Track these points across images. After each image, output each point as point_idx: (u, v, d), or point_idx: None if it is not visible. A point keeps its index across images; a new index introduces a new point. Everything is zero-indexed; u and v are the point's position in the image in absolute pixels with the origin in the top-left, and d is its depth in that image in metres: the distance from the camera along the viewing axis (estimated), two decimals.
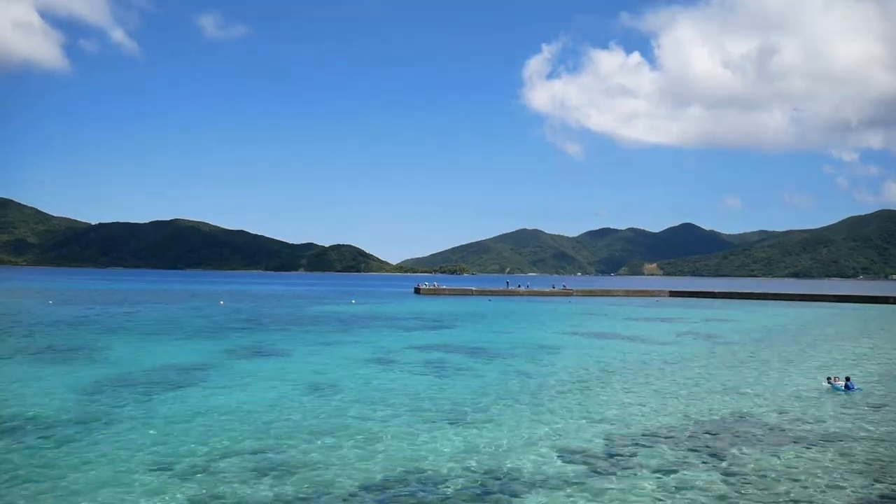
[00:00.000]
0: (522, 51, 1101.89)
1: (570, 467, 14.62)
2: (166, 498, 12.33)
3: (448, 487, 13.20)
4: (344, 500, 12.46)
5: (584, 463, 14.97)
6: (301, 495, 12.58)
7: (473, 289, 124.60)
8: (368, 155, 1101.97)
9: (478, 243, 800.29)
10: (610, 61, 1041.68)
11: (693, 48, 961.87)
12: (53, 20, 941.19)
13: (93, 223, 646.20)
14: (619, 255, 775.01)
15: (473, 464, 14.75)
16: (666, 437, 17.35)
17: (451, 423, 18.61)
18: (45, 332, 41.62)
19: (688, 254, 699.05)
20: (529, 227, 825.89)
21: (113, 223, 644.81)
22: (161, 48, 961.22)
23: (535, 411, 20.47)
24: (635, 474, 14.21)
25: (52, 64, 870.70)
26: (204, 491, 12.70)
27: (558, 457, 15.40)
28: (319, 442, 16.35)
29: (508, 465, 14.67)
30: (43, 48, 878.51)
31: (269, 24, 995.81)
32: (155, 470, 13.92)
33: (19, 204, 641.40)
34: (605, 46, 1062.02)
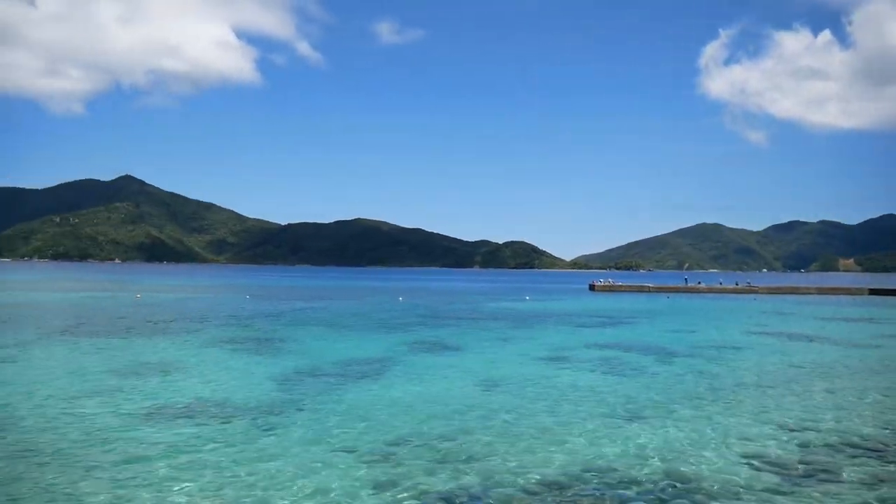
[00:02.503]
0: (697, 38, 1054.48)
1: (760, 475, 13.70)
2: (351, 482, 12.89)
3: (629, 488, 12.80)
4: (522, 495, 12.42)
5: (776, 471, 13.96)
6: (479, 487, 12.70)
7: (650, 285, 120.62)
8: (541, 152, 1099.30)
9: (654, 238, 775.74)
10: (794, 42, 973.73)
11: (892, 23, 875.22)
12: (247, 37, 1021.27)
13: (283, 224, 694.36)
14: (809, 249, 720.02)
15: (655, 465, 14.22)
16: (867, 449, 15.84)
17: (630, 423, 18.09)
18: (244, 325, 45.06)
19: (891, 248, 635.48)
20: (709, 220, 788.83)
21: (301, 223, 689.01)
22: (341, 57, 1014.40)
23: (717, 413, 19.44)
24: (835, 487, 13.09)
25: (246, 78, 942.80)
26: (385, 478, 13.15)
27: (746, 463, 14.51)
28: (496, 436, 16.44)
29: (692, 469, 14.01)
30: (238, 64, 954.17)
31: (443, 28, 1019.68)
32: (341, 455, 14.60)
33: (220, 207, 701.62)
34: (788, 27, 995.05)
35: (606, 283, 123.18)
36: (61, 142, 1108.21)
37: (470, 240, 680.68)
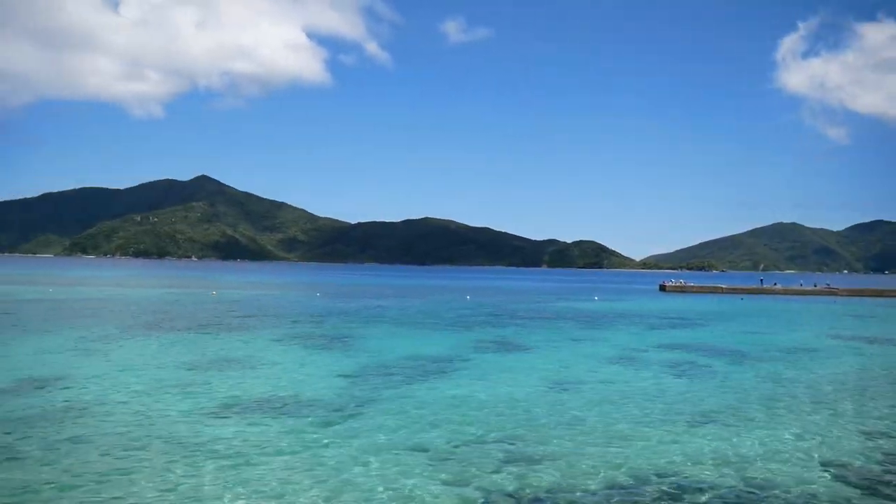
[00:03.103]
0: (774, 31, 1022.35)
1: (839, 485, 13.26)
2: (421, 479, 13.03)
3: (699, 494, 12.57)
4: (590, 497, 12.35)
5: (857, 482, 13.48)
6: (546, 489, 12.67)
7: (723, 286, 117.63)
8: (610, 150, 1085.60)
9: (728, 238, 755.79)
10: (878, 34, 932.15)
11: None
12: (317, 38, 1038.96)
13: (353, 223, 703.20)
14: (893, 250, 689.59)
15: (727, 471, 13.92)
16: None
17: (701, 427, 17.73)
18: (315, 322, 45.93)
19: None
20: (786, 220, 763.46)
21: (370, 222, 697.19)
22: (409, 56, 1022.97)
23: (792, 419, 18.87)
24: None
25: (316, 78, 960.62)
26: (454, 476, 13.25)
27: (824, 472, 14.05)
28: (563, 437, 16.37)
29: (765, 476, 13.66)
30: (308, 65, 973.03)
31: (510, 26, 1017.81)
32: (410, 453, 14.78)
33: (291, 206, 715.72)
34: (871, 18, 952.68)
35: (677, 284, 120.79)
36: (142, 143, 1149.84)
37: (538, 239, 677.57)
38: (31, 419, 16.98)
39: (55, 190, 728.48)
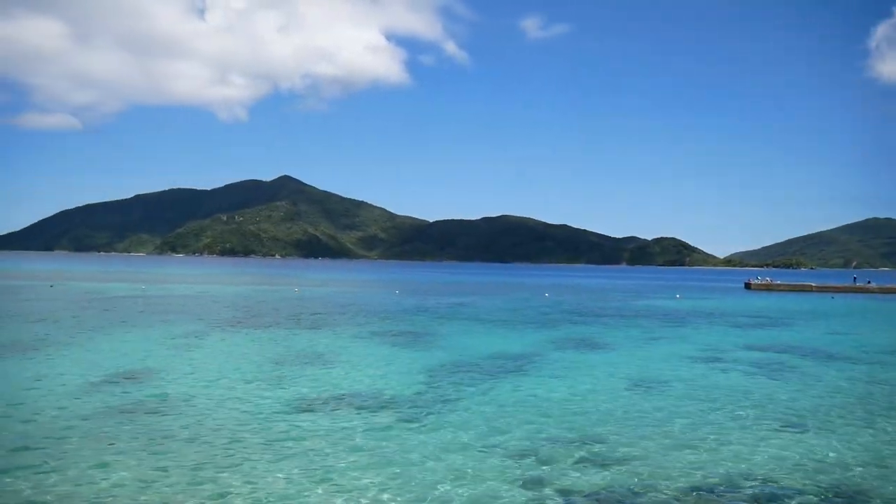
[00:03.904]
0: (867, 16, 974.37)
1: None
2: (499, 478, 13.08)
3: (788, 501, 12.20)
4: (672, 500, 12.15)
5: None
6: (627, 489, 12.53)
7: (813, 284, 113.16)
8: (693, 144, 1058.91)
9: (817, 234, 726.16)
10: None
11: None
12: (396, 39, 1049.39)
13: (431, 221, 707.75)
14: None
15: (815, 476, 13.44)
16: None
17: (787, 430, 17.17)
18: (394, 319, 46.54)
19: None
20: (881, 215, 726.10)
21: (448, 220, 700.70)
22: (488, 55, 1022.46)
23: (888, 424, 18.07)
24: None
25: (395, 79, 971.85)
26: (533, 475, 13.25)
27: None
28: (645, 438, 16.14)
29: (856, 484, 13.13)
30: (387, 65, 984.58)
31: (589, 22, 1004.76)
32: (488, 451, 14.85)
33: (371, 205, 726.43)
34: None
35: (763, 282, 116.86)
36: (228, 146, 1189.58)
37: (617, 236, 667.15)
38: (127, 411, 17.83)
39: (147, 192, 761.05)
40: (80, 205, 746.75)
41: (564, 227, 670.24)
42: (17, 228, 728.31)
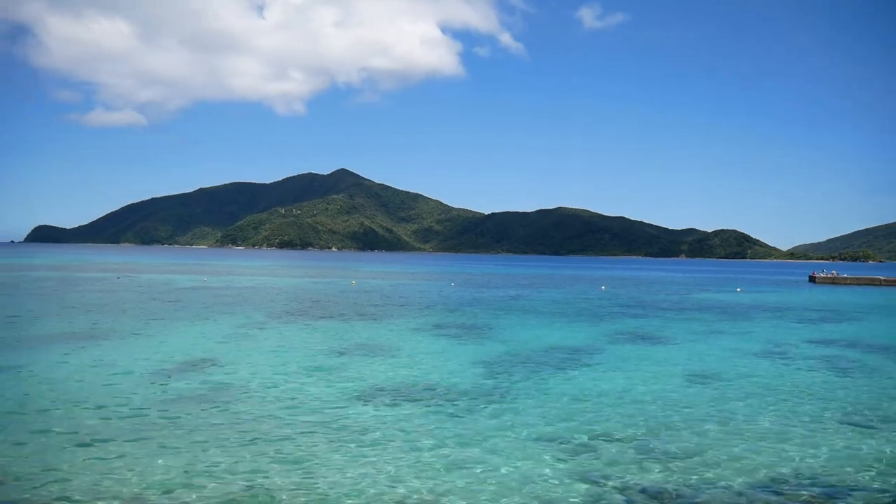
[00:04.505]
0: None
1: None
2: (555, 471, 13.10)
3: (851, 500, 11.93)
4: (730, 496, 11.98)
5: None
6: (685, 485, 12.41)
7: (881, 278, 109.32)
8: (752, 133, 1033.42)
9: (886, 226, 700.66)
10: None
11: None
12: (451, 32, 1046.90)
13: (486, 213, 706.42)
14: None
15: (883, 477, 13.11)
16: None
17: (852, 426, 16.74)
18: (449, 311, 46.75)
19: None
20: None
21: (503, 213, 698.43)
22: (543, 45, 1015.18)
23: None
24: None
25: (450, 71, 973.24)
26: (589, 469, 13.23)
27: None
28: (704, 433, 15.94)
29: None
30: (443, 58, 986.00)
31: (645, 11, 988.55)
32: (544, 444, 14.88)
33: (426, 197, 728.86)
34: None
35: (829, 275, 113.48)
36: (286, 140, 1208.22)
37: (675, 228, 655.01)
38: (191, 399, 18.40)
39: (209, 186, 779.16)
40: (145, 199, 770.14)
41: (621, 219, 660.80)
42: (86, 222, 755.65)
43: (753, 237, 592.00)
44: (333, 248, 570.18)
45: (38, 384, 19.86)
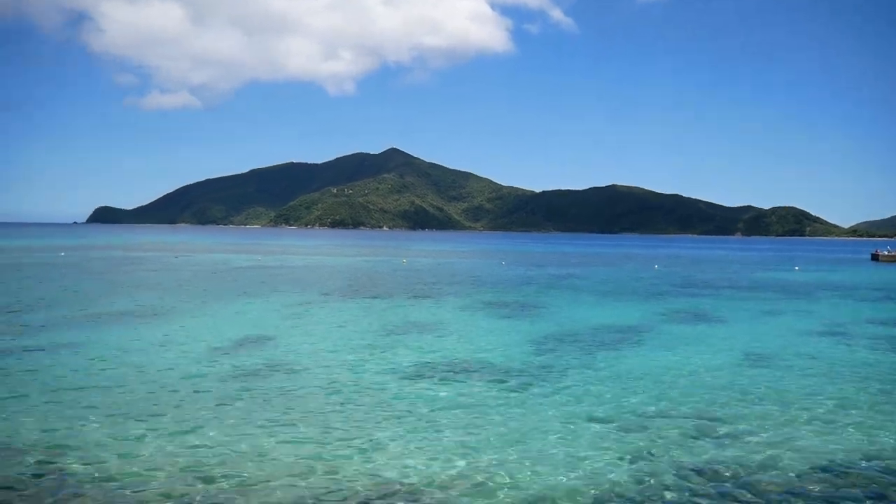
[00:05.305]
0: None
1: None
2: (606, 449, 13.01)
3: None
4: (787, 478, 11.76)
5: None
6: (740, 466, 12.20)
7: None
8: (810, 107, 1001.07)
9: None
10: None
11: None
12: (501, 8, 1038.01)
13: (537, 191, 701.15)
14: None
15: None
16: None
17: None
18: (500, 289, 46.72)
19: None
20: None
21: (554, 191, 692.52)
22: (594, 21, 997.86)
23: None
24: None
25: (500, 48, 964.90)
26: (640, 446, 13.12)
27: None
28: (761, 413, 15.63)
29: None
30: (493, 35, 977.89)
31: None
32: (595, 422, 14.80)
33: (477, 176, 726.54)
34: None
35: (892, 253, 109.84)
36: (337, 120, 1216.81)
37: (731, 205, 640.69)
38: (246, 375, 18.80)
39: (262, 166, 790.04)
40: (200, 180, 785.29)
41: (675, 196, 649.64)
42: (145, 203, 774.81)
43: (812, 214, 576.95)
44: (385, 228, 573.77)
45: (104, 360, 20.54)
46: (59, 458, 11.99)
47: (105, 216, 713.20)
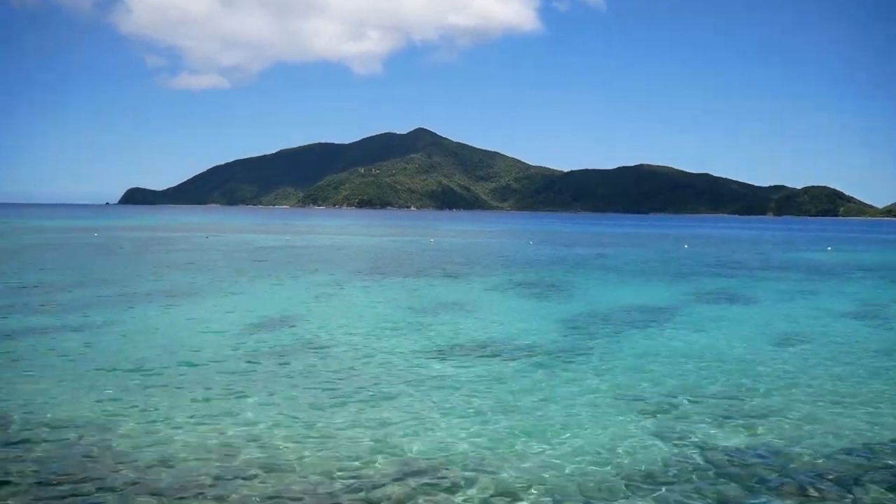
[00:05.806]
0: None
1: None
2: (635, 431, 13.01)
3: None
4: (818, 461, 11.71)
5: None
6: (770, 449, 12.14)
7: None
8: (844, 84, 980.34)
9: None
10: None
11: None
12: None
13: (565, 171, 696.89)
14: None
15: None
16: None
17: None
18: (527, 269, 46.67)
19: None
20: None
21: (582, 170, 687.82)
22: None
23: None
24: None
25: (528, 27, 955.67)
26: (669, 429, 13.09)
27: None
28: (791, 396, 15.51)
29: None
30: (520, 13, 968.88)
31: None
32: (623, 403, 14.80)
33: (504, 156, 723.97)
34: None
35: None
36: (364, 99, 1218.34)
37: (762, 185, 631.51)
38: (276, 354, 19.05)
39: (290, 147, 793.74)
40: (230, 160, 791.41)
41: (705, 175, 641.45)
42: (175, 184, 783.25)
43: (846, 194, 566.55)
44: (412, 207, 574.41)
45: (136, 339, 20.93)
46: (90, 436, 12.25)
47: (137, 197, 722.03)
